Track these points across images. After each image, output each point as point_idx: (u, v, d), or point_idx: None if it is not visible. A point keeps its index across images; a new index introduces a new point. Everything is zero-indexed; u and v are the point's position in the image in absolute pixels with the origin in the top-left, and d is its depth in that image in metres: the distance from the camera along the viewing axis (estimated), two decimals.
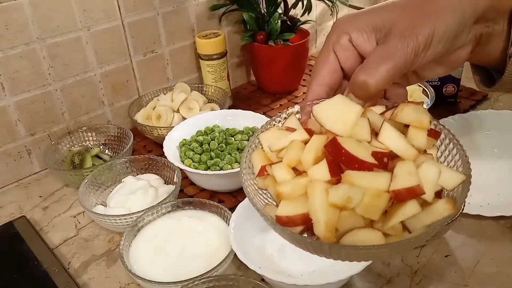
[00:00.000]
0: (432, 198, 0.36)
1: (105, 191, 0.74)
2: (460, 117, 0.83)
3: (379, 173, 0.35)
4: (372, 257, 0.37)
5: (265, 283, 0.51)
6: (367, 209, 0.34)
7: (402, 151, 0.37)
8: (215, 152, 0.73)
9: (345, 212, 0.35)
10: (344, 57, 0.42)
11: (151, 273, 0.56)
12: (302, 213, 0.36)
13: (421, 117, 0.38)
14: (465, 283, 0.56)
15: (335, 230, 0.35)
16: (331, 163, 0.36)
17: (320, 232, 0.35)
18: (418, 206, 0.35)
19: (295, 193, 0.37)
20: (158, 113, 0.86)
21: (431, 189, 0.36)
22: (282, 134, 0.41)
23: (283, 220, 0.37)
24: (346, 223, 0.35)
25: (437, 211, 0.36)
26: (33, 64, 0.79)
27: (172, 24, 0.94)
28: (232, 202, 0.70)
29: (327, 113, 0.38)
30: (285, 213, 0.37)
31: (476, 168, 0.75)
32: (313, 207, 0.35)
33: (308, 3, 0.99)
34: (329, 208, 0.35)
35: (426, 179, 0.36)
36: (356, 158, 0.35)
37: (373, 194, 0.34)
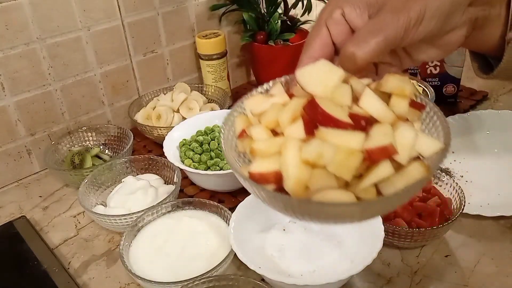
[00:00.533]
0: (407, 162, 0.36)
1: (105, 191, 0.74)
2: (460, 117, 0.83)
3: (353, 132, 0.35)
4: (341, 217, 0.37)
5: (265, 283, 0.51)
6: (339, 168, 0.34)
7: (380, 115, 0.36)
8: (215, 152, 0.73)
9: (317, 170, 0.34)
10: (336, 32, 0.42)
11: (151, 273, 0.56)
12: (274, 170, 0.36)
13: (403, 85, 0.38)
14: (465, 283, 0.56)
15: (305, 186, 0.35)
16: (307, 123, 0.36)
17: (290, 187, 0.35)
18: (391, 168, 0.35)
19: (269, 151, 0.37)
20: (158, 113, 0.86)
21: (406, 153, 0.35)
22: (265, 100, 0.41)
23: (256, 177, 0.36)
24: (317, 182, 0.35)
25: (410, 174, 0.35)
26: (33, 64, 0.79)
27: (172, 24, 0.94)
28: (232, 202, 0.70)
29: (310, 76, 0.38)
30: (258, 170, 0.36)
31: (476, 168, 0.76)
32: (284, 163, 0.35)
33: (308, 3, 0.99)
34: (300, 164, 0.34)
35: (402, 142, 0.35)
36: (332, 117, 0.35)
37: (345, 152, 0.34)
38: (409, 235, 0.58)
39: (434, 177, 0.66)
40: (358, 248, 0.56)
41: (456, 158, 0.77)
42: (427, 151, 0.37)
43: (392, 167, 0.35)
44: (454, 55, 0.86)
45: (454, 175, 0.73)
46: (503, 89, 0.98)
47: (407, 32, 0.38)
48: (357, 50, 0.38)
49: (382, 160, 0.35)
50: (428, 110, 0.41)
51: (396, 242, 0.60)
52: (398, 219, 0.59)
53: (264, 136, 0.38)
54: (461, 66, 0.87)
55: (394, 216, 0.60)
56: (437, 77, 0.89)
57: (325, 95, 0.37)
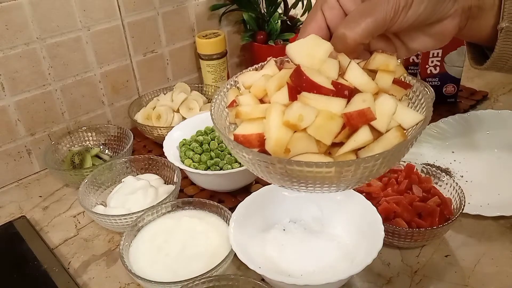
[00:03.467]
0: (385, 129, 0.37)
1: (105, 191, 0.74)
2: (460, 117, 0.83)
3: (335, 98, 0.37)
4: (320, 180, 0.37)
5: (265, 283, 0.51)
6: (319, 131, 0.35)
7: (362, 85, 0.38)
8: (215, 152, 0.73)
9: (298, 133, 0.36)
10: (331, 16, 0.43)
11: (151, 273, 0.56)
12: (258, 133, 0.38)
13: (388, 61, 0.40)
14: (465, 283, 0.56)
15: (285, 148, 0.36)
16: (291, 89, 0.38)
17: (271, 148, 0.37)
18: (369, 134, 0.36)
19: (253, 114, 0.39)
20: (158, 113, 0.86)
21: (385, 120, 0.37)
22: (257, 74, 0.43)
23: (240, 139, 0.38)
24: (298, 145, 0.36)
25: (387, 140, 0.36)
26: (33, 64, 0.79)
27: (172, 24, 0.94)
28: (232, 202, 0.70)
29: (299, 50, 0.40)
30: (242, 132, 0.38)
31: (476, 168, 0.76)
32: (267, 125, 0.37)
33: (308, 3, 0.99)
34: (281, 126, 0.36)
35: (382, 110, 0.37)
36: (316, 84, 0.37)
37: (325, 116, 0.35)
38: (409, 235, 0.58)
39: (434, 177, 0.66)
40: (358, 248, 0.56)
41: (456, 158, 0.77)
42: (407, 123, 0.39)
43: (371, 133, 0.36)
44: (454, 55, 0.86)
45: (454, 175, 0.73)
46: (503, 89, 0.98)
47: (396, 14, 0.40)
48: (347, 31, 0.40)
49: (361, 126, 0.36)
50: (415, 90, 0.43)
51: (396, 242, 0.60)
52: (398, 219, 0.59)
53: (251, 103, 0.40)
54: (461, 66, 0.87)
55: (394, 216, 0.60)
56: (437, 77, 0.89)
57: (312, 66, 0.39)
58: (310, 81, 0.37)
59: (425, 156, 0.77)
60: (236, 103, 0.41)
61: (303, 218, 0.63)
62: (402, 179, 0.65)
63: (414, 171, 0.66)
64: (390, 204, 0.60)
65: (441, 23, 0.43)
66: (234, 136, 0.39)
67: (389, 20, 0.40)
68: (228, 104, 0.43)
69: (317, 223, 0.62)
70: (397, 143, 0.36)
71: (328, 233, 0.60)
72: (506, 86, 0.99)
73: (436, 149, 0.79)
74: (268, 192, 0.63)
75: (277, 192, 0.64)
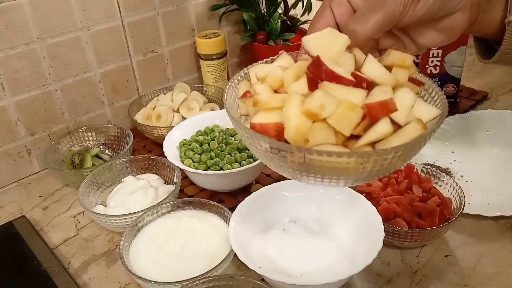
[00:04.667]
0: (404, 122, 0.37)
1: (105, 191, 0.74)
2: (460, 117, 0.83)
3: (355, 89, 0.36)
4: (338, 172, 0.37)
5: (265, 283, 0.51)
6: (339, 121, 0.35)
7: (380, 78, 0.38)
8: (215, 152, 0.73)
9: (318, 123, 0.36)
10: (339, 13, 0.44)
11: (151, 273, 0.56)
12: (275, 122, 0.37)
13: (404, 57, 0.40)
14: (465, 283, 0.56)
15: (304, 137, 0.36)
16: (311, 79, 0.37)
17: (290, 136, 0.36)
18: (390, 125, 0.36)
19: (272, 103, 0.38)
20: (158, 113, 0.86)
21: (405, 113, 0.37)
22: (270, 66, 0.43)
23: (257, 128, 0.37)
24: (317, 135, 0.36)
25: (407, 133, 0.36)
26: (33, 64, 0.79)
27: (172, 24, 0.94)
28: (232, 202, 0.70)
29: (316, 42, 0.40)
30: (259, 121, 0.38)
31: (476, 168, 0.76)
32: (286, 114, 0.36)
33: (308, 3, 0.99)
34: (301, 115, 0.36)
35: (401, 103, 0.37)
36: (336, 74, 0.37)
37: (347, 106, 0.35)
38: (409, 235, 0.58)
39: (434, 177, 0.66)
40: (358, 248, 0.56)
41: (456, 158, 0.77)
42: (425, 117, 0.39)
43: (391, 125, 0.36)
44: (454, 55, 0.86)
45: (454, 175, 0.73)
46: (503, 89, 0.98)
47: (405, 8, 0.40)
48: (358, 27, 0.40)
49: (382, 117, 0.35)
50: (427, 88, 0.43)
51: (396, 242, 0.60)
52: (398, 219, 0.59)
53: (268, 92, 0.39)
54: (461, 66, 0.87)
55: (394, 216, 0.60)
56: (437, 77, 0.89)
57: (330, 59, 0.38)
58: (330, 71, 0.37)
59: (425, 156, 0.77)
60: (249, 94, 0.41)
61: (303, 218, 0.63)
62: (402, 179, 0.65)
63: (414, 171, 0.66)
64: (390, 204, 0.60)
65: (450, 18, 0.43)
66: (251, 124, 0.38)
67: (399, 14, 0.40)
68: (241, 95, 0.42)
69: (317, 223, 0.62)
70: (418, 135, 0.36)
71: (328, 233, 0.60)
72: (506, 86, 0.99)
73: (436, 149, 0.79)
74: (268, 192, 0.63)
75: (277, 192, 0.64)
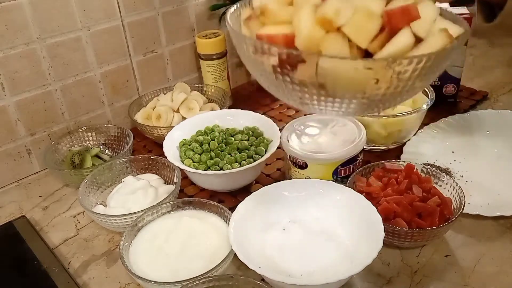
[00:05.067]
0: (425, 35, 0.33)
1: (105, 191, 0.74)
2: (460, 117, 0.83)
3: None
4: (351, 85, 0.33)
5: (265, 283, 0.51)
6: (356, 30, 0.32)
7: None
8: (215, 152, 0.73)
9: (331, 34, 0.32)
10: None
11: (151, 273, 0.56)
12: (284, 33, 0.34)
13: None
14: (465, 283, 0.56)
15: (316, 46, 0.33)
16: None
17: (301, 42, 0.33)
18: (411, 36, 0.32)
19: (282, 15, 0.34)
20: (158, 113, 0.86)
21: (427, 25, 0.33)
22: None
23: (264, 39, 0.34)
24: (330, 46, 0.32)
25: (430, 44, 0.33)
26: (33, 64, 0.79)
27: (172, 24, 0.94)
28: (232, 202, 0.70)
29: None
30: (267, 32, 0.34)
31: (476, 168, 0.76)
32: (298, 22, 0.33)
33: None
34: (314, 24, 0.32)
35: (424, 15, 0.33)
36: None
37: (364, 12, 0.32)
38: (409, 235, 0.58)
39: (434, 177, 0.66)
40: (358, 248, 0.56)
41: (456, 158, 0.77)
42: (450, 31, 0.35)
43: (412, 36, 0.32)
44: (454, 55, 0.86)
45: (454, 175, 0.73)
46: (503, 89, 0.98)
47: None
48: None
49: (403, 27, 0.32)
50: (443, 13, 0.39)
51: (396, 242, 0.60)
52: (398, 219, 0.59)
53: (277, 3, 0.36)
54: (461, 66, 0.87)
55: (394, 216, 0.60)
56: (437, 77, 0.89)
57: None
58: None
59: (425, 156, 0.77)
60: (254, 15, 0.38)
61: (303, 218, 0.62)
62: (402, 179, 0.65)
63: (414, 171, 0.66)
64: (390, 204, 0.60)
65: None
66: (257, 35, 0.35)
67: None
68: (246, 18, 0.39)
69: (317, 223, 0.62)
70: (444, 45, 0.33)
71: (328, 233, 0.60)
72: (506, 86, 0.99)
73: (436, 149, 0.79)
74: (268, 192, 0.63)
75: (277, 192, 0.64)
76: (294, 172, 0.71)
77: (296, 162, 0.69)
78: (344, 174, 0.69)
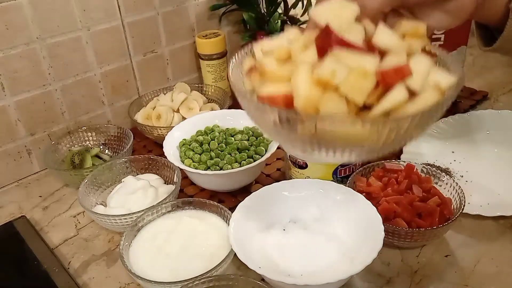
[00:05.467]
0: (420, 89, 0.35)
1: (105, 191, 0.74)
2: (460, 117, 0.83)
3: (367, 55, 0.34)
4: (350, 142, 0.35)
5: (265, 283, 0.51)
6: (352, 88, 0.33)
7: (394, 46, 0.36)
8: (215, 152, 0.73)
9: (329, 93, 0.34)
10: None
11: (151, 273, 0.56)
12: (284, 93, 0.35)
13: (417, 26, 0.39)
14: (465, 283, 0.56)
15: (315, 107, 0.34)
16: (320, 48, 0.36)
17: (299, 104, 0.34)
18: (405, 92, 0.34)
19: (280, 74, 0.36)
20: (158, 113, 0.86)
21: (421, 80, 0.35)
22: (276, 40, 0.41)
23: (265, 100, 0.36)
24: (328, 104, 0.34)
25: (423, 100, 0.34)
26: (33, 64, 0.79)
27: (172, 24, 0.94)
28: (232, 202, 0.70)
29: (324, 12, 0.38)
30: (267, 92, 0.36)
31: (476, 168, 0.76)
32: (295, 83, 0.35)
33: (308, 3, 0.99)
34: (311, 84, 0.34)
35: (417, 70, 0.35)
36: (346, 41, 0.35)
37: (359, 72, 0.33)
38: (409, 235, 0.58)
39: (434, 177, 0.66)
40: (358, 248, 0.56)
41: (456, 158, 0.77)
42: (442, 85, 0.36)
43: (406, 92, 0.34)
44: (454, 55, 0.86)
45: (454, 175, 0.73)
46: (503, 89, 0.98)
47: None
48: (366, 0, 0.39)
49: (397, 84, 0.33)
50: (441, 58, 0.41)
51: (396, 242, 0.60)
52: (398, 219, 0.59)
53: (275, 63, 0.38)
54: (461, 66, 0.87)
55: (394, 216, 0.60)
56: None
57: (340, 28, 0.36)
58: (340, 39, 0.35)
59: (425, 156, 0.77)
60: (255, 69, 0.39)
61: (303, 218, 0.63)
62: (402, 179, 0.65)
63: (414, 171, 0.66)
64: (390, 204, 0.60)
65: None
66: (259, 97, 0.36)
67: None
68: (247, 70, 0.41)
69: (317, 223, 0.62)
70: (436, 101, 0.34)
71: (328, 233, 0.60)
72: (506, 86, 0.99)
73: (436, 149, 0.79)
74: (268, 192, 0.63)
75: (277, 192, 0.64)
76: (294, 172, 0.71)
77: (296, 162, 0.69)
78: (344, 174, 0.69)
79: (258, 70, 0.39)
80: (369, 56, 0.35)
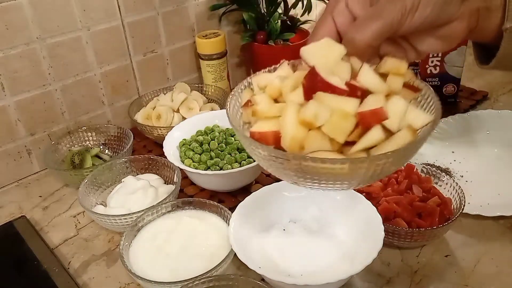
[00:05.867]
0: (397, 129, 0.38)
1: (105, 191, 0.74)
2: (460, 117, 0.83)
3: (349, 98, 0.38)
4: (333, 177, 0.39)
5: (265, 283, 0.51)
6: (333, 129, 0.37)
7: (374, 87, 0.39)
8: (215, 152, 0.73)
9: (313, 132, 0.37)
10: (340, 21, 0.45)
11: (151, 273, 0.56)
12: (274, 130, 0.39)
13: (399, 65, 0.42)
14: (465, 283, 0.56)
15: (300, 145, 0.38)
16: (306, 90, 0.39)
17: (286, 144, 0.38)
18: (381, 133, 0.37)
19: (270, 113, 0.40)
20: (158, 113, 0.86)
21: (397, 120, 0.38)
22: (271, 76, 0.45)
23: (256, 136, 0.40)
24: (312, 143, 0.37)
25: (398, 139, 0.38)
26: (33, 64, 0.79)
27: (172, 24, 0.94)
28: (232, 202, 0.70)
29: (313, 52, 0.42)
30: (259, 129, 0.40)
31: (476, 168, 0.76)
32: (283, 123, 0.38)
33: (308, 3, 0.99)
34: (297, 124, 0.38)
35: (393, 111, 0.38)
36: (330, 84, 0.38)
37: (340, 114, 0.37)
38: (409, 235, 0.58)
39: (434, 177, 0.66)
40: (358, 248, 0.56)
41: (456, 158, 0.77)
42: (417, 123, 0.40)
43: (383, 132, 0.38)
44: (454, 55, 0.86)
45: (454, 175, 0.73)
46: (503, 89, 0.98)
47: (403, 17, 0.41)
48: (357, 35, 0.41)
49: (374, 125, 0.37)
50: (424, 93, 0.44)
51: (396, 242, 0.60)
52: (398, 219, 0.59)
53: (267, 102, 0.42)
54: (461, 66, 0.87)
55: (394, 216, 0.60)
56: (437, 77, 0.89)
57: (327, 68, 0.40)
58: (324, 81, 0.38)
59: (425, 156, 0.77)
60: (250, 103, 0.43)
61: (303, 218, 0.63)
62: (402, 179, 0.65)
63: (414, 171, 0.66)
64: (390, 204, 0.60)
65: (450, 26, 0.43)
66: (251, 133, 0.40)
67: (397, 22, 0.41)
68: (243, 104, 0.44)
69: (317, 223, 0.62)
70: (408, 142, 0.38)
71: (328, 233, 0.60)
72: (506, 86, 0.99)
73: (436, 149, 0.79)
74: (268, 192, 0.63)
75: (277, 192, 0.64)
76: None
77: None
78: None
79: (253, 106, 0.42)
80: (350, 99, 0.38)
